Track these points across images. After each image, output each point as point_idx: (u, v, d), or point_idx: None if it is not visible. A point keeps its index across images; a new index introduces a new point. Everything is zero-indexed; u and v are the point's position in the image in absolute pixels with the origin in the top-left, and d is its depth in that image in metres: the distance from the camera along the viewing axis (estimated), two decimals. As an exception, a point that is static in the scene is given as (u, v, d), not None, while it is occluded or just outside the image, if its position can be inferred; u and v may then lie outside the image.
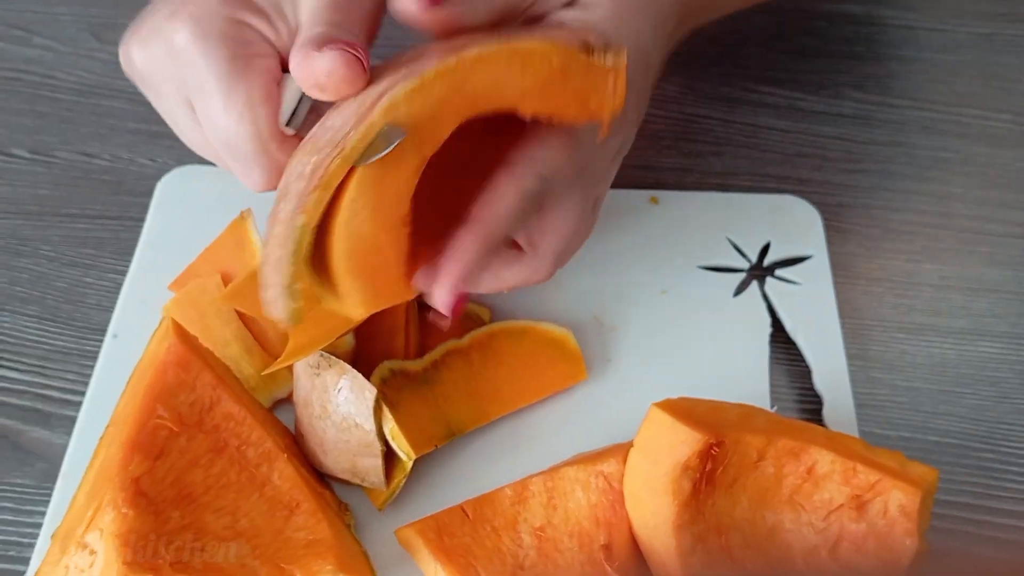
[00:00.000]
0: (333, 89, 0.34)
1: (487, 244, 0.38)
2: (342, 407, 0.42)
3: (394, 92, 0.33)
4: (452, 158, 0.37)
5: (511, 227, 0.39)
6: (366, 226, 0.36)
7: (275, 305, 0.36)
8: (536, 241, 0.41)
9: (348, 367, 0.42)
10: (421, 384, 0.46)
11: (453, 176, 0.39)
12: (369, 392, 0.42)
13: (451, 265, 0.38)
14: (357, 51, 0.34)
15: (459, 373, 0.47)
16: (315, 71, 0.34)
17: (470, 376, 0.47)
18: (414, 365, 0.46)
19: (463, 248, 0.37)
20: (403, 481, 0.43)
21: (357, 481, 0.43)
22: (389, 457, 0.43)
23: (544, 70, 0.35)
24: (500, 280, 0.42)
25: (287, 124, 0.38)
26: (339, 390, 0.42)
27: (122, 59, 0.41)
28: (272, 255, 0.35)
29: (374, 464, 0.43)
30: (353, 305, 0.38)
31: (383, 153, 0.34)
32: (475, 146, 0.39)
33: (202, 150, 0.41)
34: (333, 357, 0.42)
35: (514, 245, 0.42)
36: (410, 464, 0.43)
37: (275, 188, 0.38)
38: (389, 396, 0.44)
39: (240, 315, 0.47)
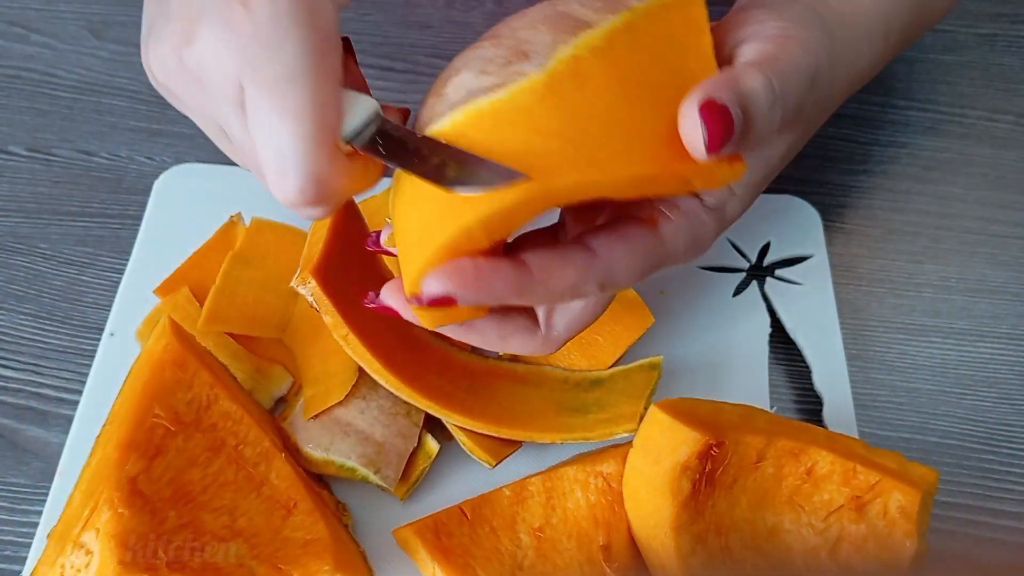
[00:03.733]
0: None
1: (519, 295, 0.34)
2: None
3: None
4: None
5: (549, 301, 0.36)
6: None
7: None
8: (554, 322, 0.38)
9: None
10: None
11: None
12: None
13: (475, 280, 0.32)
14: None
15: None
16: None
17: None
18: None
19: (500, 276, 0.33)
20: (427, 469, 0.44)
21: (368, 471, 0.42)
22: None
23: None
24: (504, 343, 0.38)
25: (352, 140, 0.32)
26: None
27: (154, 63, 0.35)
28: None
29: (398, 457, 0.43)
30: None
31: None
32: None
33: (240, 154, 0.36)
34: None
35: (528, 312, 0.38)
36: (436, 451, 0.44)
37: (301, 206, 0.33)
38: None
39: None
